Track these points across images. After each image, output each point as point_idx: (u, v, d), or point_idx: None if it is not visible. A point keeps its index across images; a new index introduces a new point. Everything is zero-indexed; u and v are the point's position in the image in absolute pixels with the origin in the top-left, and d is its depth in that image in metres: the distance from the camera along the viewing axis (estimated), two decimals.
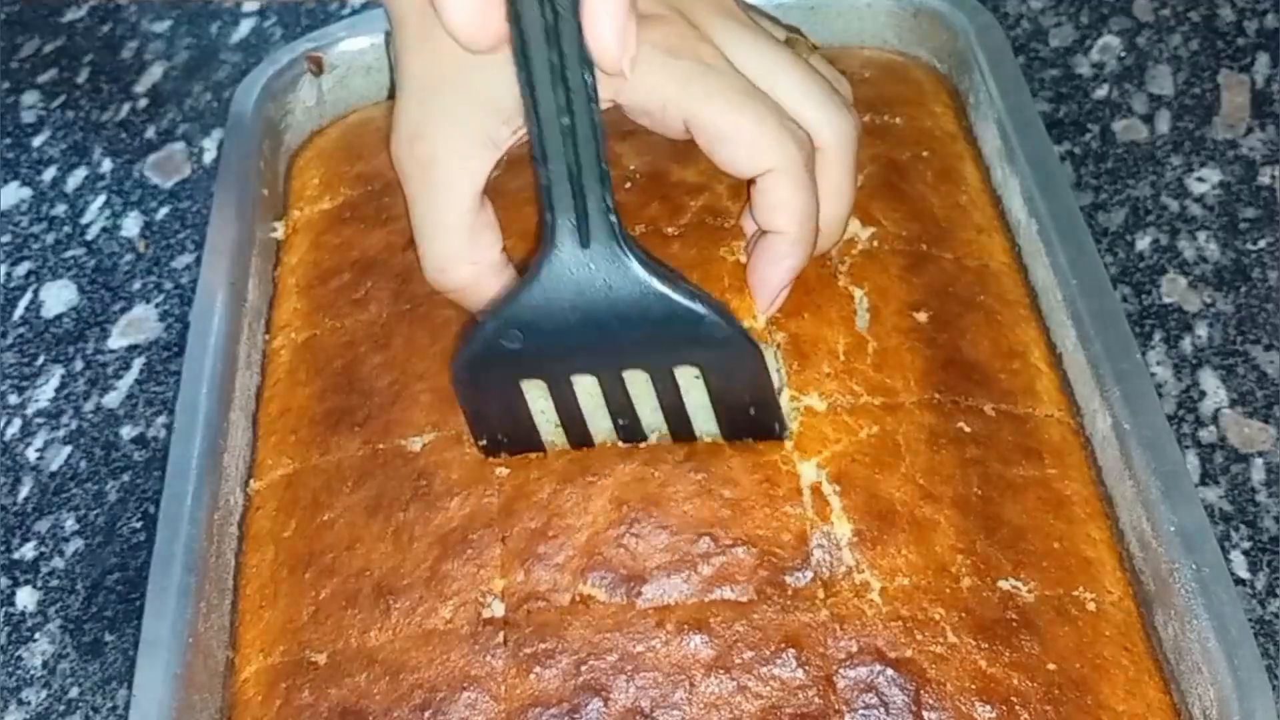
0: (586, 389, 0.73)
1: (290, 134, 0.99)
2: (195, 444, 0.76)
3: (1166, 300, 0.95)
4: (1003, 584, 0.70)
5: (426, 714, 0.67)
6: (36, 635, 0.83)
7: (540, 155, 0.63)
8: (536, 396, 0.73)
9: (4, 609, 0.85)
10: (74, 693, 0.80)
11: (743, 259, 0.80)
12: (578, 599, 0.70)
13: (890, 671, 0.67)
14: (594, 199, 0.64)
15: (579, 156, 0.63)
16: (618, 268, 0.67)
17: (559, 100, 0.61)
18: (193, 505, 0.74)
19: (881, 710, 0.66)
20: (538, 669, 0.68)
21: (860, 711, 0.66)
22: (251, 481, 0.80)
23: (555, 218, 0.65)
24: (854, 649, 0.68)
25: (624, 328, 0.69)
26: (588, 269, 0.67)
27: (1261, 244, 0.97)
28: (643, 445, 0.75)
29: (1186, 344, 0.93)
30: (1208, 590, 0.68)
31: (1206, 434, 0.88)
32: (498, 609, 0.70)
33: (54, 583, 0.86)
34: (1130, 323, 0.90)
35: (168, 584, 0.70)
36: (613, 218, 0.65)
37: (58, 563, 0.87)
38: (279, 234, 0.92)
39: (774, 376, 0.75)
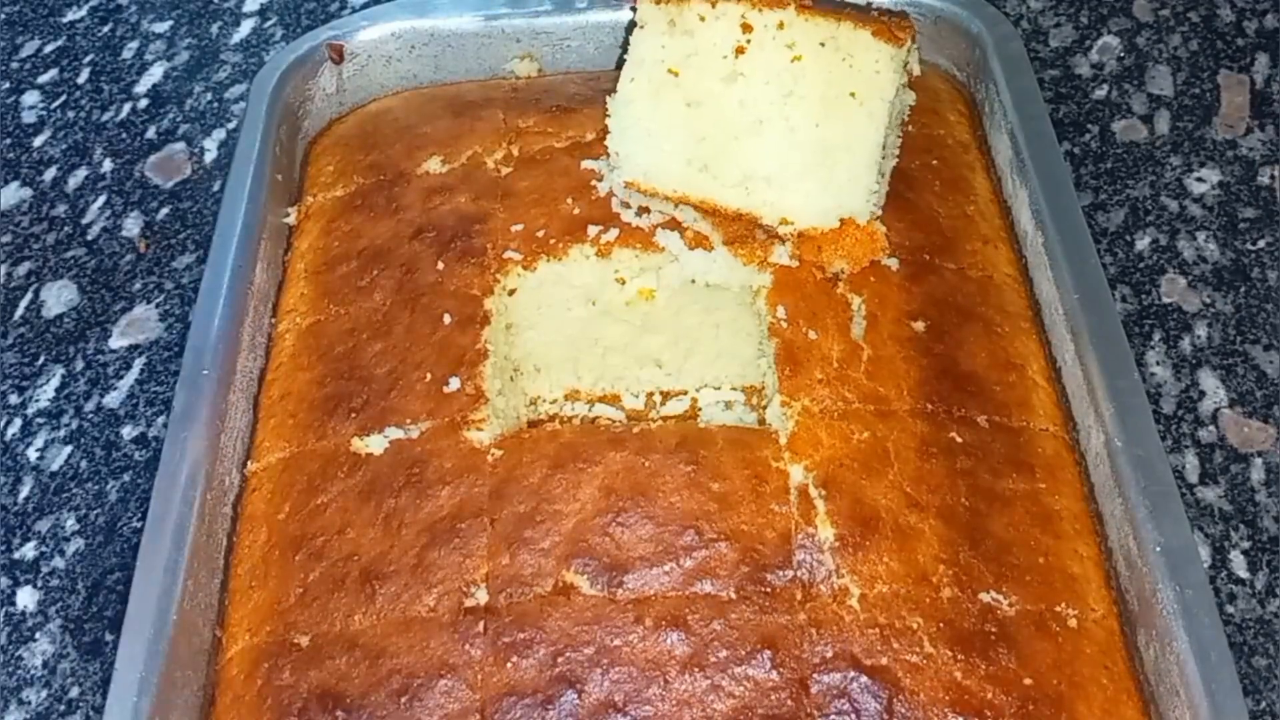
0: None
1: (309, 120, 1.00)
2: (192, 425, 0.77)
3: (1166, 300, 0.94)
4: (984, 596, 0.70)
5: (403, 700, 0.68)
6: (37, 635, 0.83)
7: None
8: None
9: (4, 609, 0.85)
10: (74, 693, 0.81)
11: None
12: (560, 586, 0.71)
13: (864, 679, 0.67)
14: None
15: None
16: None
17: None
18: (186, 485, 0.75)
19: (853, 716, 0.66)
20: (515, 659, 0.69)
21: (832, 716, 0.66)
22: (249, 463, 0.80)
23: None
24: (829, 654, 0.68)
25: None
26: None
27: (1261, 244, 0.96)
28: (636, 430, 0.76)
29: (1186, 344, 0.92)
30: (1190, 613, 0.68)
31: (1206, 434, 0.88)
32: (480, 597, 0.71)
33: (54, 583, 0.86)
34: (1130, 323, 0.89)
35: (156, 561, 0.71)
36: None
37: (58, 563, 0.87)
38: (291, 219, 0.93)
39: None
